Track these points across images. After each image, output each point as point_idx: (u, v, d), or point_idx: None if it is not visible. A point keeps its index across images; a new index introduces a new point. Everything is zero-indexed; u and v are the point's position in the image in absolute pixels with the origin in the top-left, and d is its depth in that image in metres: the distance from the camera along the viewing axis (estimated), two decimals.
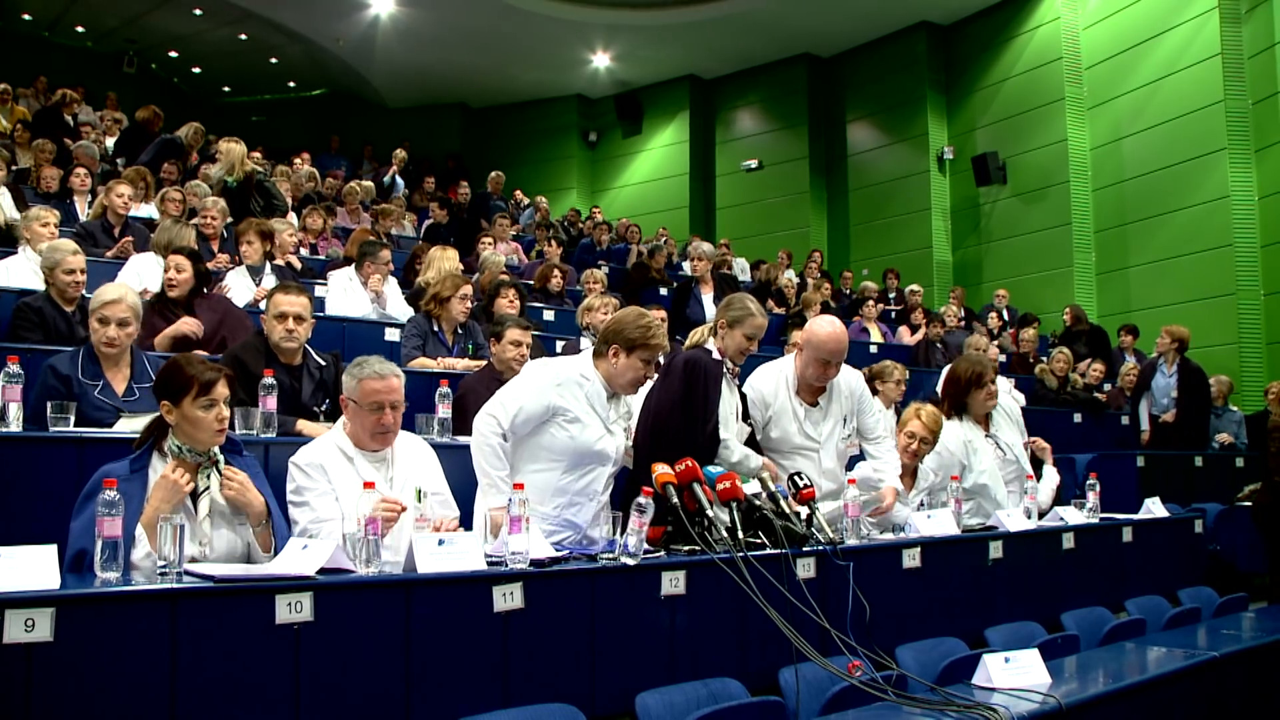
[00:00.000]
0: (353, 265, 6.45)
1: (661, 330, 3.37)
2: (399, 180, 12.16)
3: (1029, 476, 4.66)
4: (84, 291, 4.56)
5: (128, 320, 3.72)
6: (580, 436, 3.28)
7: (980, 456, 4.46)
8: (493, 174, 12.20)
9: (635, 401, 3.69)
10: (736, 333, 3.75)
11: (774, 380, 3.95)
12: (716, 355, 3.77)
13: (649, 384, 3.67)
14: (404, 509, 2.87)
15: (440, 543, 2.56)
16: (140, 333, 3.89)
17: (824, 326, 3.84)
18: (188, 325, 4.61)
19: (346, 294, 6.26)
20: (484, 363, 4.91)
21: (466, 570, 2.53)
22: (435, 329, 5.45)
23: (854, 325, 9.85)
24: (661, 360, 3.65)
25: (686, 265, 9.93)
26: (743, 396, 3.90)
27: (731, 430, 3.71)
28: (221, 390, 2.75)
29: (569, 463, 3.30)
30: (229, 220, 6.91)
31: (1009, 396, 4.85)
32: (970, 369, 4.58)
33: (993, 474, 4.48)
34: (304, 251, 8.03)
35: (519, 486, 2.73)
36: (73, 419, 3.31)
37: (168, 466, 2.66)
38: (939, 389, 5.02)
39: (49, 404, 3.32)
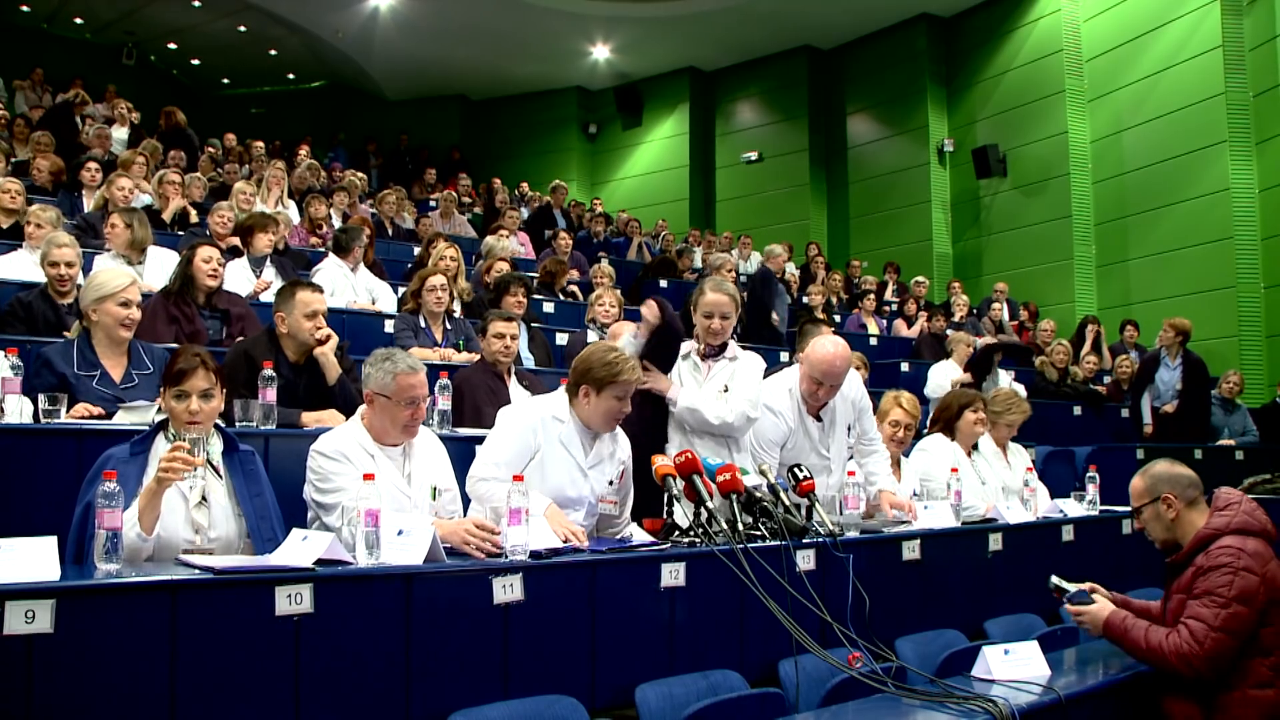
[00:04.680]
0: (339, 255, 6.35)
1: (629, 364, 3.21)
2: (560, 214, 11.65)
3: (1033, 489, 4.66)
4: (78, 284, 4.54)
5: (139, 302, 3.74)
6: (550, 479, 3.15)
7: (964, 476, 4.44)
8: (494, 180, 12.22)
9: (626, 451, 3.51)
10: (697, 315, 3.87)
11: (784, 401, 3.92)
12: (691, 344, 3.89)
13: None
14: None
15: (400, 532, 2.52)
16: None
17: (823, 346, 3.82)
18: None
19: (338, 285, 6.20)
20: (478, 356, 4.91)
21: (467, 564, 2.53)
22: (423, 325, 5.46)
23: (853, 318, 9.86)
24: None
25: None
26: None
27: (702, 402, 3.70)
28: (196, 383, 2.69)
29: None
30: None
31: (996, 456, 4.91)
32: (963, 396, 4.83)
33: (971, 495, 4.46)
34: (312, 241, 8.03)
35: (519, 478, 2.73)
36: (64, 411, 3.29)
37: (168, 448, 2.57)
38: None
39: (41, 396, 3.30)
